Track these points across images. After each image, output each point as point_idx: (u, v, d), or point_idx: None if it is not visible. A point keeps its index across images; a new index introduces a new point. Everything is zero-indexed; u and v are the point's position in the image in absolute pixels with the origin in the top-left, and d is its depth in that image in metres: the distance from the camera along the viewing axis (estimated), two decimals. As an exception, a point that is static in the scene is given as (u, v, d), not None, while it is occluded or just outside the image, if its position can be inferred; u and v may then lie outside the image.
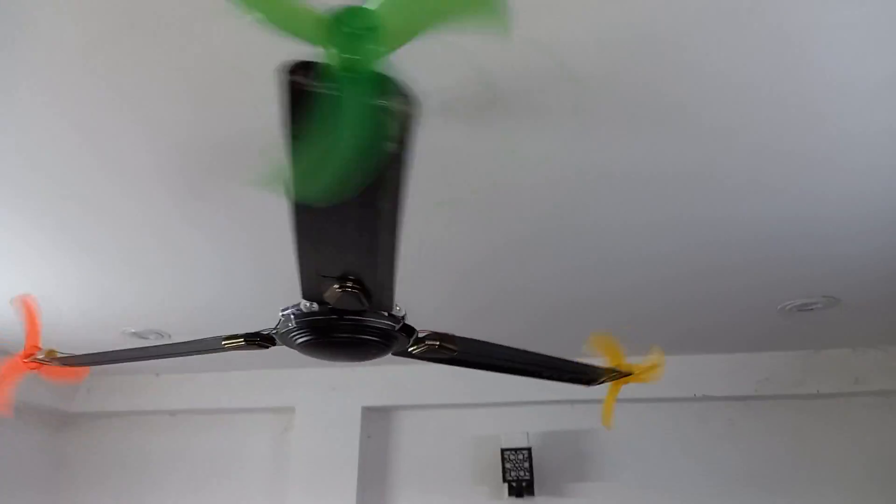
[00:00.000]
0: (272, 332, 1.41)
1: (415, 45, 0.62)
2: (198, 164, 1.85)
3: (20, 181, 1.96)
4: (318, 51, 0.60)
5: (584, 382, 1.82)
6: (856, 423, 3.69)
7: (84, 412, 4.23)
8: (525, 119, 1.66)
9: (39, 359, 1.69)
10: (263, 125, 1.59)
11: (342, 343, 1.29)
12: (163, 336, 3.38)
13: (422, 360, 1.57)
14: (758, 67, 1.49)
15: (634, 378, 1.80)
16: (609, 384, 1.85)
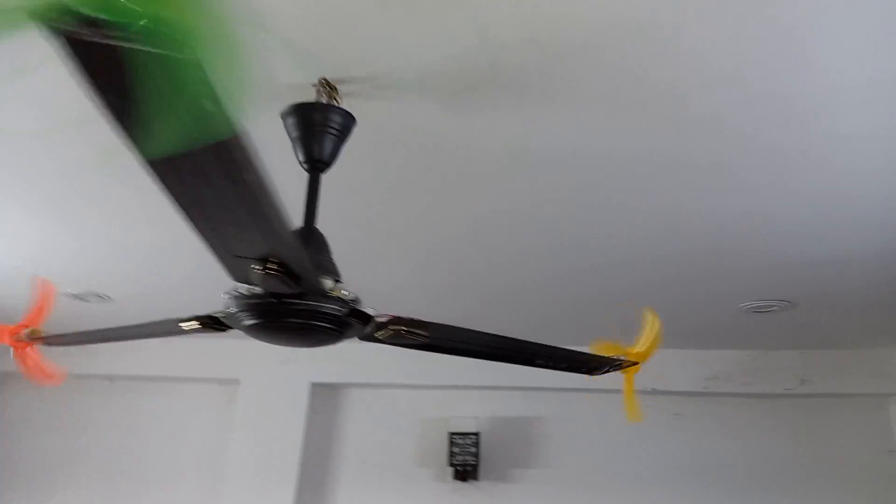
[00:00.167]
0: (222, 315, 1.32)
1: (390, 21, 0.53)
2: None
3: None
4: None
5: (586, 372, 1.71)
6: (799, 424, 3.77)
7: (17, 371, 4.02)
8: (504, 100, 1.57)
9: (21, 337, 1.67)
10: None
11: (290, 328, 1.21)
12: (103, 299, 3.21)
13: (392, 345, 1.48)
14: (751, 60, 1.43)
15: (641, 356, 1.68)
16: (622, 376, 1.74)
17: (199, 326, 1.38)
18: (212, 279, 1.37)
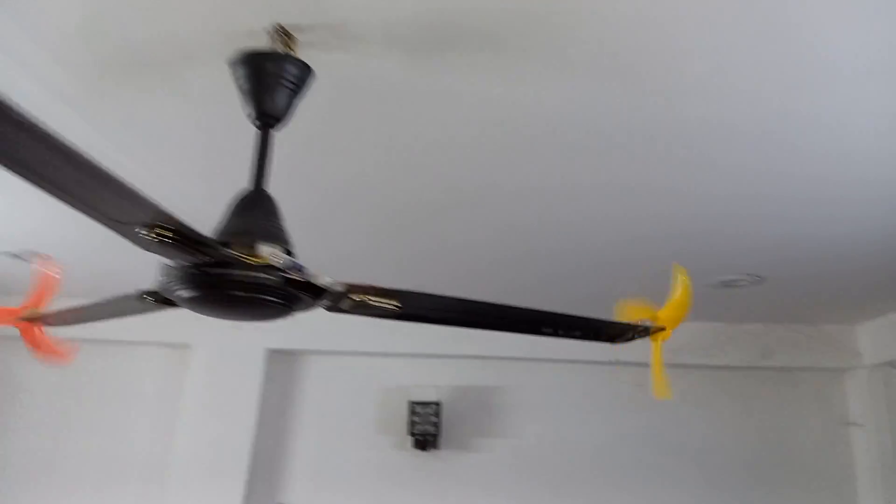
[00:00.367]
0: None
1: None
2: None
3: None
4: None
5: (606, 339, 1.49)
6: (757, 396, 3.80)
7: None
8: (479, 58, 1.43)
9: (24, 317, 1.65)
10: (168, 30, 1.29)
11: (226, 301, 1.09)
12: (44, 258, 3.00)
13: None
14: (729, 34, 1.32)
15: (671, 321, 1.44)
16: (651, 344, 1.50)
17: (154, 302, 1.25)
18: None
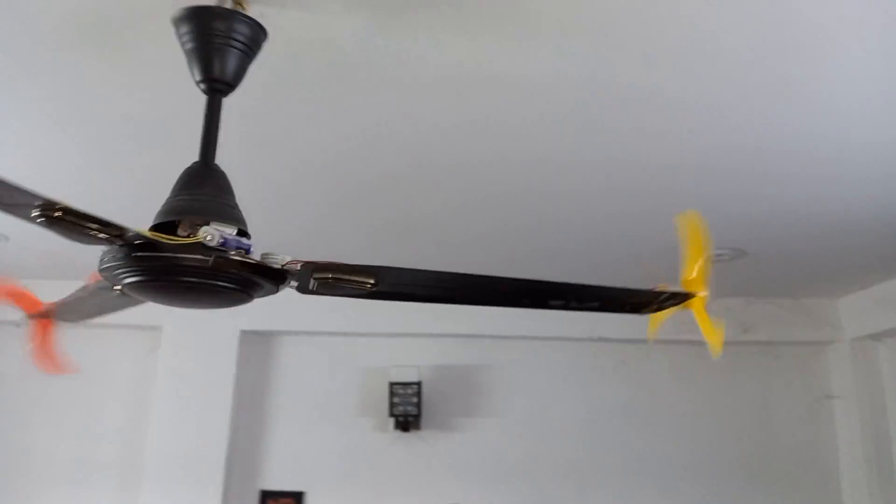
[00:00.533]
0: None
1: None
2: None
3: None
4: None
5: (631, 310, 1.32)
6: (738, 370, 3.78)
7: None
8: (446, 20, 1.32)
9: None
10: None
11: (164, 287, 1.00)
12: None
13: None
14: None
15: (697, 283, 1.25)
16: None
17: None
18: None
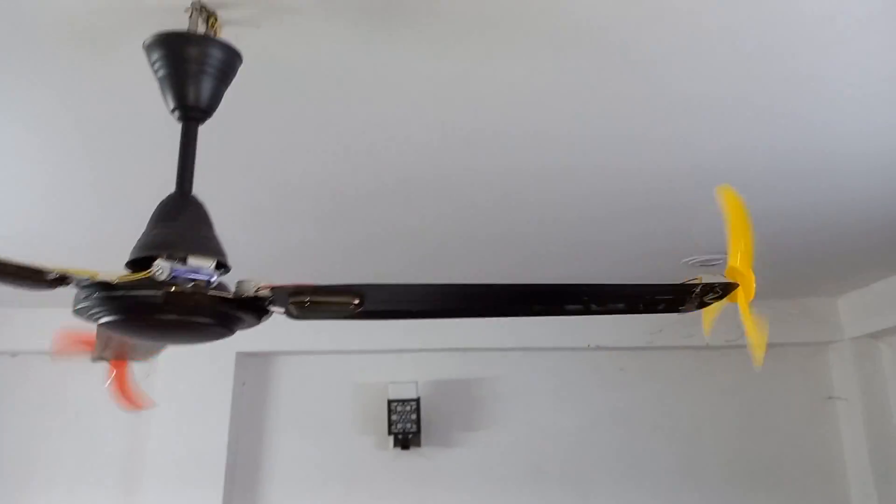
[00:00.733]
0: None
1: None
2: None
3: None
4: None
5: (665, 309, 1.14)
6: (741, 374, 3.73)
7: None
8: (430, 28, 1.31)
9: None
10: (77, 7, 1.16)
11: (129, 323, 0.99)
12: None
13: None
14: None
15: (743, 272, 1.09)
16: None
17: None
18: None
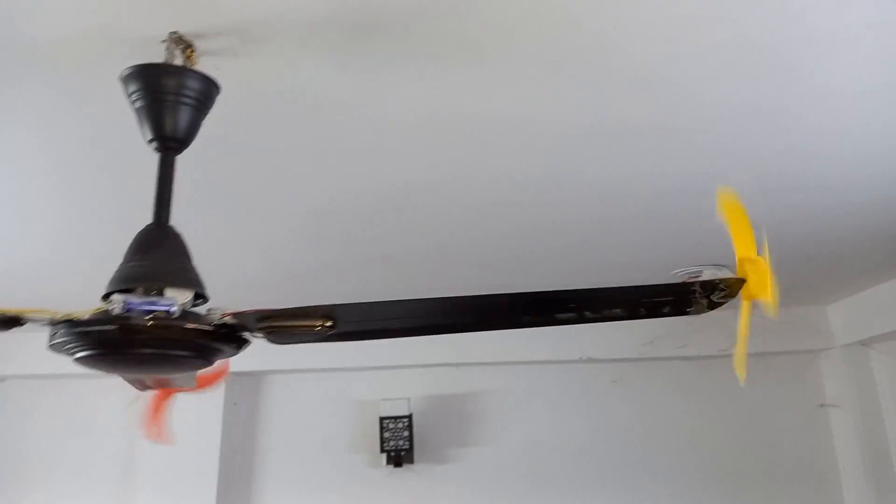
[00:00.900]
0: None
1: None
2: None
3: None
4: None
5: (674, 311, 1.06)
6: (732, 383, 3.60)
7: None
8: (412, 54, 1.30)
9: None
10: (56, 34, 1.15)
11: (105, 359, 0.98)
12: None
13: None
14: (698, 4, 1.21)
15: (754, 270, 1.00)
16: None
17: None
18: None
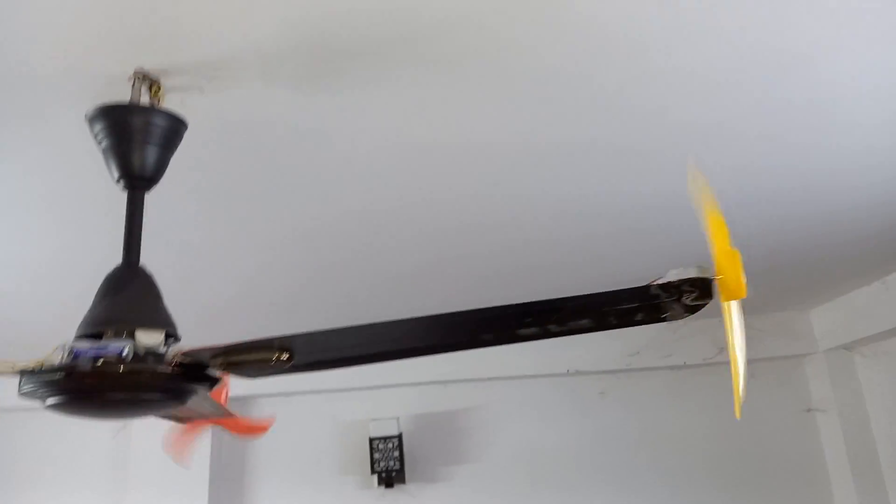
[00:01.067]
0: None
1: None
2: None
3: None
4: None
5: (645, 319, 0.95)
6: (719, 391, 3.74)
7: None
8: (364, 84, 1.33)
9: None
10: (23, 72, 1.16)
11: (66, 405, 0.99)
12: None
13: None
14: (656, 28, 1.25)
15: (728, 266, 0.89)
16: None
17: None
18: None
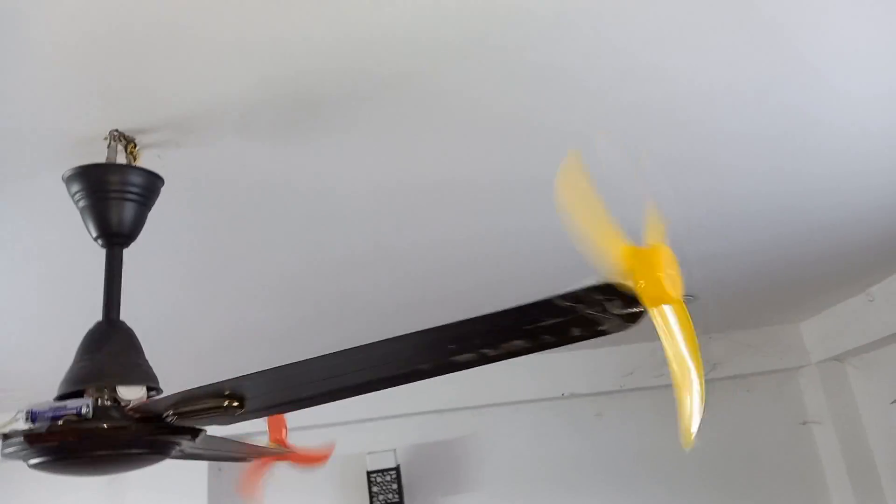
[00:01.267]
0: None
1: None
2: None
3: None
4: None
5: (591, 333, 0.82)
6: (715, 407, 3.70)
7: None
8: (338, 133, 1.36)
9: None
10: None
11: (44, 465, 0.99)
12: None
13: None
14: (607, 69, 1.28)
15: (646, 268, 0.75)
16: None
17: None
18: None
